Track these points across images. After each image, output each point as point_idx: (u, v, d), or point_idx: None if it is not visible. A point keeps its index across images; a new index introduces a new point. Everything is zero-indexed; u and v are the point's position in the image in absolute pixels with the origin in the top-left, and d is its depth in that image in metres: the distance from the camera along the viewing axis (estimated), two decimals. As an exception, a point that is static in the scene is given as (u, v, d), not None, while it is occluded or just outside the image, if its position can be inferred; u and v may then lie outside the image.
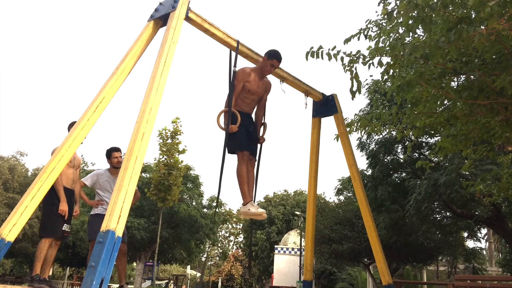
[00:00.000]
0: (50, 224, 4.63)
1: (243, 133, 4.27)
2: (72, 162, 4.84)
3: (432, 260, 17.37)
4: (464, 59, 3.94)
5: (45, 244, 4.57)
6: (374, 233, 5.28)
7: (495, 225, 10.55)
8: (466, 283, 9.61)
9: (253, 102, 4.49)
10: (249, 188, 4.31)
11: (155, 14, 3.91)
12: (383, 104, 6.25)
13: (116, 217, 2.81)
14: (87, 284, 2.62)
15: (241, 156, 4.28)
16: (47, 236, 4.61)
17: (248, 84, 4.33)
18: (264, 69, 4.38)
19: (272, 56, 4.34)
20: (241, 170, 4.26)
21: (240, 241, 40.14)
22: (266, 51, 4.39)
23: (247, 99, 4.41)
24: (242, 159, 4.28)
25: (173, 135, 17.24)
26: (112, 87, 3.61)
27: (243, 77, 4.30)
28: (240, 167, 4.27)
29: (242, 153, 4.28)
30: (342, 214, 16.26)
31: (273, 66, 4.37)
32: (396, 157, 12.32)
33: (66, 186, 4.76)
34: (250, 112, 4.51)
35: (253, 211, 4.17)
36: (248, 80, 4.32)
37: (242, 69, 4.34)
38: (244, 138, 4.29)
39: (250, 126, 4.43)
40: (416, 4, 3.26)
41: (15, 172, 26.24)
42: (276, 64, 4.39)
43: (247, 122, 4.38)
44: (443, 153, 5.36)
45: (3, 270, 37.91)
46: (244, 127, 4.28)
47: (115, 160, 5.27)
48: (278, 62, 4.39)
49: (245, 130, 4.30)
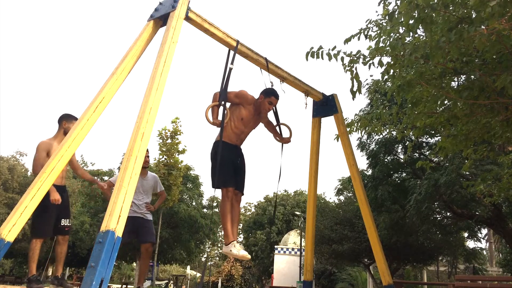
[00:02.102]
0: (38, 224, 4.58)
1: (229, 168, 4.09)
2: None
3: (432, 261, 17.36)
4: (465, 59, 3.93)
5: (36, 245, 4.54)
6: (374, 233, 5.28)
7: (496, 225, 10.54)
8: (466, 283, 9.61)
9: (243, 134, 4.34)
10: (233, 227, 4.09)
11: (155, 14, 3.90)
12: (383, 104, 6.25)
13: (116, 217, 2.80)
14: (86, 284, 2.61)
15: (225, 192, 4.07)
16: (37, 236, 4.58)
17: (243, 110, 4.23)
18: (262, 107, 4.30)
19: (269, 94, 4.28)
20: (224, 207, 4.05)
21: (240, 241, 40.12)
22: (262, 90, 4.32)
23: (237, 129, 4.25)
24: (226, 195, 4.07)
25: (173, 135, 17.21)
26: (112, 87, 3.61)
27: (243, 99, 4.23)
28: (224, 205, 4.06)
29: (226, 189, 4.07)
30: (342, 214, 16.26)
31: (271, 104, 4.31)
32: (397, 157, 12.31)
33: (56, 183, 4.51)
34: (238, 144, 4.34)
35: (234, 252, 3.97)
36: (246, 105, 4.24)
37: (245, 92, 4.27)
38: (229, 174, 4.09)
39: (237, 159, 4.27)
40: (416, 4, 3.26)
41: (14, 172, 26.20)
42: (274, 102, 4.33)
43: (234, 155, 4.24)
44: (444, 153, 5.36)
45: (2, 270, 37.88)
46: (230, 160, 4.13)
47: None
48: (276, 99, 4.33)
49: (231, 164, 4.14)
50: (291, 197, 34.35)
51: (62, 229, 4.75)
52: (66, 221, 4.80)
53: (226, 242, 4.05)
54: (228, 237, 4.04)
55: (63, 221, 4.75)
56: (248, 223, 35.34)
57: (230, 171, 4.12)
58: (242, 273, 32.91)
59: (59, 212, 4.70)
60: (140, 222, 5.24)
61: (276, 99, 4.33)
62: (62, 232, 4.77)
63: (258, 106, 4.31)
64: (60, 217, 4.73)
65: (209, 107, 4.10)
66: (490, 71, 3.91)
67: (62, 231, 4.76)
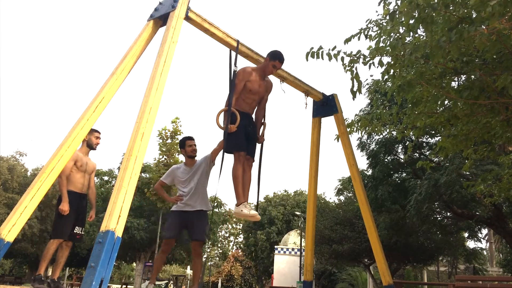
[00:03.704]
0: (57, 226, 4.71)
1: (241, 133, 4.20)
2: (84, 166, 4.91)
3: (432, 261, 17.35)
4: (465, 59, 3.92)
5: (52, 244, 4.65)
6: (374, 234, 5.27)
7: (496, 225, 10.54)
8: (466, 283, 9.58)
9: (254, 102, 4.45)
10: (244, 189, 4.21)
11: (155, 14, 3.89)
12: (383, 104, 6.25)
13: (115, 217, 2.79)
14: (86, 284, 2.61)
15: (237, 156, 4.19)
16: (54, 237, 4.70)
17: (249, 84, 4.29)
18: (266, 69, 4.36)
19: (274, 57, 4.31)
20: (236, 170, 4.17)
21: (240, 241, 40.12)
22: (269, 52, 4.36)
23: (248, 99, 4.36)
24: (238, 159, 4.18)
25: (173, 135, 17.21)
26: (111, 87, 3.61)
27: (244, 76, 4.27)
28: (236, 167, 4.18)
29: (238, 153, 4.18)
30: (342, 214, 16.25)
31: (275, 67, 4.35)
32: (397, 157, 12.30)
33: (75, 190, 4.82)
34: (250, 112, 4.46)
35: (245, 212, 4.08)
36: (249, 79, 4.29)
37: (243, 69, 4.31)
38: (241, 138, 4.20)
39: (249, 126, 4.37)
40: (417, 4, 3.25)
41: (14, 172, 26.21)
42: (279, 65, 4.36)
43: (246, 122, 4.32)
44: (444, 153, 5.35)
45: (2, 270, 37.86)
46: (243, 126, 4.22)
47: (189, 149, 4.89)
48: (281, 63, 4.37)
49: (243, 130, 4.24)
50: (291, 197, 34.33)
51: (74, 236, 4.82)
52: (80, 229, 4.88)
53: (237, 203, 4.15)
54: (239, 198, 4.15)
55: (77, 228, 4.83)
56: (248, 223, 35.32)
57: (242, 136, 4.20)
58: (242, 273, 32.91)
59: (76, 219, 4.81)
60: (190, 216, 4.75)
61: (281, 63, 4.36)
62: (74, 239, 4.84)
63: (263, 69, 4.38)
64: (75, 224, 4.82)
65: (220, 112, 4.20)
66: (490, 71, 3.90)
67: (73, 238, 4.82)
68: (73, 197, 4.76)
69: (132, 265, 37.89)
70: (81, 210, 4.88)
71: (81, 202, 4.89)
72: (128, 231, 22.37)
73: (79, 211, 4.84)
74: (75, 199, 4.78)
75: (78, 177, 4.86)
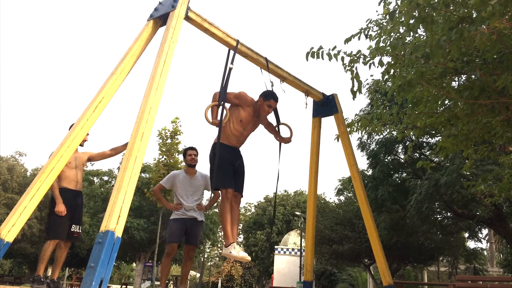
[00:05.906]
0: (52, 226, 4.66)
1: (228, 169, 4.06)
2: (73, 162, 4.84)
3: (433, 261, 17.36)
4: (465, 58, 3.92)
5: (48, 246, 4.62)
6: (374, 234, 5.26)
7: (496, 225, 10.54)
8: (467, 283, 9.58)
9: (242, 136, 4.30)
10: (232, 228, 4.05)
11: (155, 14, 3.89)
12: (383, 104, 6.25)
13: (115, 217, 2.78)
14: (86, 284, 2.60)
15: (224, 193, 4.04)
16: (50, 238, 4.66)
17: (242, 112, 4.19)
18: (261, 110, 4.25)
19: (268, 97, 4.22)
20: (224, 208, 4.01)
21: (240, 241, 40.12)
22: (261, 93, 4.27)
23: (236, 131, 4.21)
24: (226, 197, 4.03)
25: (172, 135, 17.19)
26: (111, 87, 3.59)
27: (244, 100, 4.19)
28: (224, 206, 4.02)
29: (226, 190, 4.03)
30: (342, 215, 16.25)
31: (270, 107, 4.25)
32: (397, 157, 12.31)
33: (69, 187, 4.77)
34: (237, 145, 4.30)
35: (234, 254, 3.93)
36: (245, 107, 4.20)
37: (245, 93, 4.23)
38: (229, 175, 4.06)
39: (236, 160, 4.25)
40: (417, 4, 3.25)
41: (14, 172, 26.21)
42: (274, 104, 4.27)
43: (233, 157, 4.21)
44: (444, 153, 5.35)
45: (2, 270, 37.86)
46: (229, 161, 4.11)
47: (189, 158, 5.33)
48: (275, 102, 4.28)
49: (230, 165, 4.12)
50: (291, 197, 34.34)
51: (71, 235, 4.77)
52: (77, 227, 4.82)
53: (226, 244, 4.03)
54: (228, 238, 4.02)
55: (73, 227, 4.77)
56: (248, 223, 35.32)
57: (229, 172, 4.09)
58: (242, 273, 32.87)
59: (72, 217, 4.75)
60: (189, 224, 5.18)
61: (275, 102, 4.28)
62: (71, 238, 4.79)
63: (257, 109, 4.28)
64: (72, 223, 4.77)
65: (209, 107, 4.07)
66: (491, 71, 3.90)
67: (71, 237, 4.78)
68: (68, 194, 4.70)
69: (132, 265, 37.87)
70: (77, 208, 4.80)
71: (76, 200, 4.82)
72: (128, 231, 22.36)
73: (75, 209, 4.76)
74: (70, 196, 4.72)
75: (71, 174, 4.80)
